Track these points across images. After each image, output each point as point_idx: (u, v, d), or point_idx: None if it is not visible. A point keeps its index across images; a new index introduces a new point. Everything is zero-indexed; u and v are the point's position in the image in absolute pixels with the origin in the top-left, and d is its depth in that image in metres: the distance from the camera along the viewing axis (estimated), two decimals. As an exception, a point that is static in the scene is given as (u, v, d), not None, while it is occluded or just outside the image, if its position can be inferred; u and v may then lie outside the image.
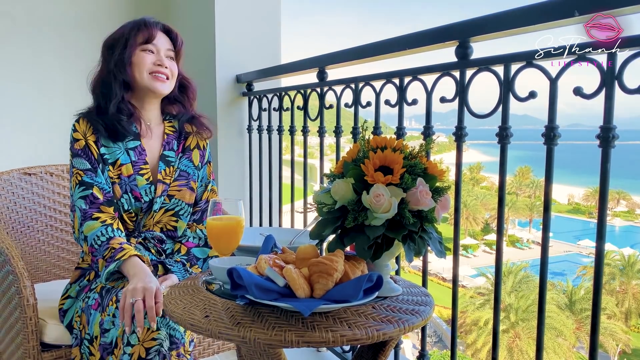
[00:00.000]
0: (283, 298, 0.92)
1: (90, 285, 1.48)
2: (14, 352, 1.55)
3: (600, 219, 1.07)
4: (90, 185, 1.47)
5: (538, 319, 1.21)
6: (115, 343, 1.29)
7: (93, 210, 1.45)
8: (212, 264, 1.10)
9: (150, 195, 1.54)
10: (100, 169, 1.50)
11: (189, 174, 1.62)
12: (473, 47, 1.31)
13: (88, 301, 1.42)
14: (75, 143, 1.50)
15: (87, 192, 1.46)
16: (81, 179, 1.47)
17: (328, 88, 1.89)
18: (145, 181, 1.54)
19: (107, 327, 1.32)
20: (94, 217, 1.44)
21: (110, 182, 1.51)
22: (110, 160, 1.52)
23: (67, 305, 1.51)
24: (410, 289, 1.15)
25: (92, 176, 1.48)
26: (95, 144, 1.51)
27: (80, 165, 1.48)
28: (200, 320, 0.94)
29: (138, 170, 1.54)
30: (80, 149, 1.50)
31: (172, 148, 1.62)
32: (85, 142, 1.50)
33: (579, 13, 1.01)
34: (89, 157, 1.49)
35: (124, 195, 1.51)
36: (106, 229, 1.43)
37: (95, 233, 1.42)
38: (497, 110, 1.25)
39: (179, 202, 1.59)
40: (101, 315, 1.34)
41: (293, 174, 2.14)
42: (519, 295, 19.80)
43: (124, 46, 1.51)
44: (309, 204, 1.11)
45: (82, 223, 1.44)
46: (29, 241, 1.91)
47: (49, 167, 1.98)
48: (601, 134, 1.03)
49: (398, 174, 0.99)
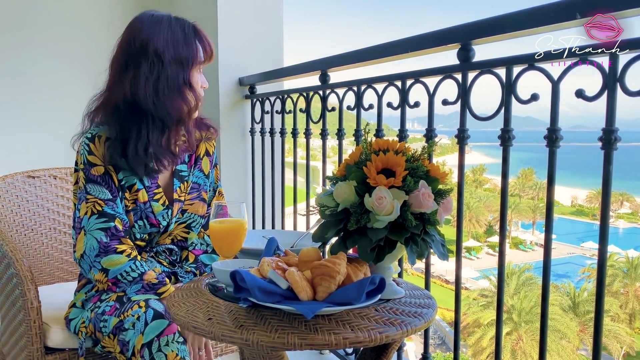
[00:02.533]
0: (286, 301, 0.92)
1: (100, 296, 1.42)
2: (18, 354, 1.56)
3: (603, 220, 1.07)
4: (112, 218, 1.35)
5: (541, 321, 1.21)
6: (133, 352, 1.27)
7: (115, 243, 1.35)
8: (215, 266, 1.10)
9: (167, 219, 1.47)
10: (120, 197, 1.40)
11: (200, 184, 1.55)
12: (475, 50, 1.31)
13: (98, 310, 1.38)
14: (92, 168, 1.36)
15: (109, 225, 1.35)
16: (102, 210, 1.35)
17: (330, 91, 1.90)
18: (162, 206, 1.45)
19: (127, 327, 1.29)
20: (118, 251, 1.35)
21: (125, 212, 1.41)
22: (127, 184, 1.41)
23: (73, 315, 1.47)
24: (413, 291, 1.15)
25: (114, 207, 1.37)
26: (114, 169, 1.38)
27: (99, 194, 1.36)
28: (203, 322, 0.94)
29: (152, 196, 1.43)
30: (98, 176, 1.36)
31: (183, 161, 1.51)
32: (104, 169, 1.37)
33: (580, 15, 1.01)
34: (110, 185, 1.37)
35: (138, 222, 1.42)
36: (134, 263, 1.35)
37: (122, 268, 1.34)
38: (499, 112, 1.25)
39: (191, 216, 1.53)
40: (119, 318, 1.32)
41: (295, 176, 2.14)
42: (522, 297, 19.74)
43: (178, 63, 1.36)
44: (312, 207, 1.11)
45: (100, 255, 1.34)
46: (33, 244, 1.92)
47: (53, 170, 1.99)
48: (603, 136, 1.03)
49: (400, 176, 0.99)
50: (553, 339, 18.05)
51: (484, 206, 32.45)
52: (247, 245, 1.25)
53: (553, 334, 18.16)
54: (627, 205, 37.96)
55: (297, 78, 2.25)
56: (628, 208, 37.87)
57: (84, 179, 1.37)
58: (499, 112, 1.25)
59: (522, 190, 37.51)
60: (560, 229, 34.02)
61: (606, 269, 1.08)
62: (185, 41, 1.36)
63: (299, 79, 2.25)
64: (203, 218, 1.57)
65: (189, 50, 1.36)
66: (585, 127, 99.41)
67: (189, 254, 1.58)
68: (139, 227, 1.43)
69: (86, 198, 1.36)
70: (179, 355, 1.25)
